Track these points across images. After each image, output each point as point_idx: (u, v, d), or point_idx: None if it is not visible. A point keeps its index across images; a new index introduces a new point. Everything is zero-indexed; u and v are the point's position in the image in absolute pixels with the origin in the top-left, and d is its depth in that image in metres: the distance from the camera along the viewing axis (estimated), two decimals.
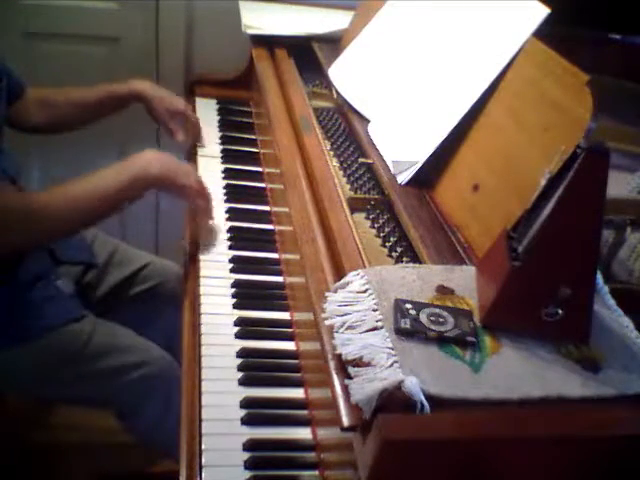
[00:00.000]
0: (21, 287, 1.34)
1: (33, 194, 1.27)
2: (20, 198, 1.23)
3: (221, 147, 1.69)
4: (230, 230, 1.39)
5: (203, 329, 1.15)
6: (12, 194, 1.23)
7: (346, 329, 0.81)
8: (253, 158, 1.66)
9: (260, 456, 0.96)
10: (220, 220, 1.41)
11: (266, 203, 1.49)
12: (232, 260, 1.32)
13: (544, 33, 1.09)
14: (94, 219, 1.28)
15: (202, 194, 1.33)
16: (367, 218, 1.15)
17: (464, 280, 0.90)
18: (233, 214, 1.44)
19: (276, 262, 1.33)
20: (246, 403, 1.03)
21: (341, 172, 1.28)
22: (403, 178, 1.18)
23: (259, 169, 1.61)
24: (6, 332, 1.33)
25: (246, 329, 1.17)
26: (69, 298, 1.43)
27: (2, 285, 1.31)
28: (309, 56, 1.71)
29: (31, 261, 1.37)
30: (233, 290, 1.25)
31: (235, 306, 1.21)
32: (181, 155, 1.69)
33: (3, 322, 1.33)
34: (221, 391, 1.05)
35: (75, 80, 1.97)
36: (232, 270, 1.29)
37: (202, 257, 1.31)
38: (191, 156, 1.65)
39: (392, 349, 0.77)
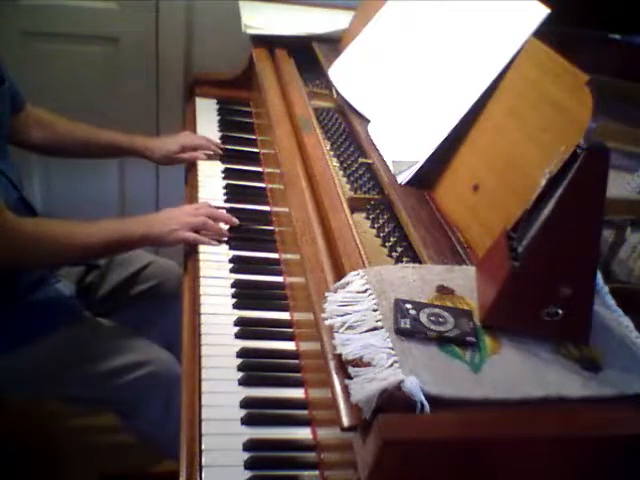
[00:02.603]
0: (22, 290, 1.34)
1: (33, 221, 1.31)
2: (19, 223, 1.25)
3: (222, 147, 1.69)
4: (230, 230, 1.39)
5: (203, 329, 1.16)
6: (12, 217, 1.24)
7: (346, 329, 0.81)
8: (253, 158, 1.66)
9: (260, 456, 0.96)
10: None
11: (266, 203, 1.49)
12: (232, 260, 1.32)
13: (544, 33, 1.09)
14: (81, 257, 1.42)
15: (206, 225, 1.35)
16: (367, 218, 1.15)
17: (464, 280, 0.89)
18: (233, 214, 1.43)
19: (276, 262, 1.33)
20: (246, 403, 1.03)
21: (341, 172, 1.28)
22: (403, 178, 1.17)
23: (259, 169, 1.61)
24: (7, 334, 1.33)
25: (246, 329, 1.17)
26: (69, 300, 1.43)
27: (3, 288, 1.31)
28: (309, 56, 1.71)
29: None
30: (233, 290, 1.25)
31: (235, 306, 1.21)
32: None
33: (4, 324, 1.33)
34: (221, 391, 1.06)
35: (75, 80, 1.98)
36: (232, 270, 1.29)
37: (202, 257, 1.31)
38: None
39: (392, 349, 0.76)
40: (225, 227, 1.38)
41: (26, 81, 1.53)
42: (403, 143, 1.22)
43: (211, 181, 1.55)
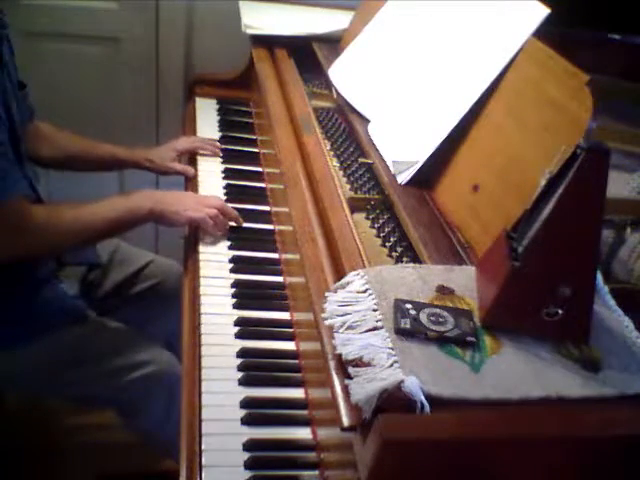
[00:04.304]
0: (26, 289, 1.35)
1: (44, 208, 1.30)
2: (34, 210, 1.25)
3: (221, 147, 1.69)
4: (230, 230, 1.39)
5: (203, 329, 1.16)
6: (29, 205, 1.25)
7: (346, 329, 0.81)
8: (253, 158, 1.66)
9: (260, 456, 0.96)
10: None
11: (266, 203, 1.49)
12: (232, 260, 1.32)
13: (544, 33, 1.09)
14: (91, 239, 1.40)
15: (213, 216, 1.35)
16: (367, 218, 1.15)
17: (464, 280, 0.90)
18: None
19: (276, 262, 1.33)
20: (246, 403, 1.03)
21: (341, 172, 1.28)
22: (403, 178, 1.18)
23: (259, 169, 1.61)
24: (11, 333, 1.34)
25: (246, 329, 1.17)
26: (73, 299, 1.43)
27: (8, 287, 1.32)
28: (309, 56, 1.71)
29: (36, 264, 1.37)
30: (233, 290, 1.25)
31: (235, 306, 1.21)
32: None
33: (8, 323, 1.33)
34: (221, 391, 1.06)
35: (75, 80, 1.98)
36: (232, 270, 1.29)
37: (202, 257, 1.31)
38: (192, 156, 1.65)
39: (392, 349, 0.77)
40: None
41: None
42: (403, 143, 1.22)
43: (211, 181, 1.55)
